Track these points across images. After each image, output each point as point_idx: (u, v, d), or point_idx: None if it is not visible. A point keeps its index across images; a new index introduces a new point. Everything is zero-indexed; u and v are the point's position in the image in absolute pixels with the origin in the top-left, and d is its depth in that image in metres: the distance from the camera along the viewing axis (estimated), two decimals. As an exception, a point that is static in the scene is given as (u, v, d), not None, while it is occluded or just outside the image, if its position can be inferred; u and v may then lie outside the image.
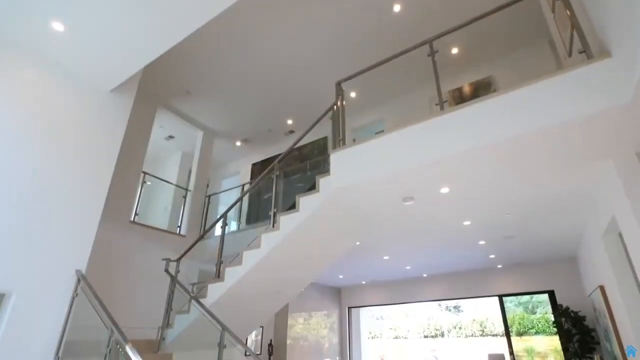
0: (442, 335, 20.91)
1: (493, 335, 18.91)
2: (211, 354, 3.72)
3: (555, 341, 7.64)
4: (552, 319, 7.64)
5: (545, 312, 16.23)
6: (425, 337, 21.08)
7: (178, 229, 6.40)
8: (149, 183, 7.25)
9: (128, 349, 2.68)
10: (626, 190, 2.98)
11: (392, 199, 3.77)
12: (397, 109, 6.23)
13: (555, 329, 7.41)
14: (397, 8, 4.72)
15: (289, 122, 6.74)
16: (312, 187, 3.92)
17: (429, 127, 3.10)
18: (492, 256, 7.24)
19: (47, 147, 3.40)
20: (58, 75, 3.58)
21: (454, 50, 5.30)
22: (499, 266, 8.40)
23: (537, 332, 16.85)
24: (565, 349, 7.03)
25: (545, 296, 8.09)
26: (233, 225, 6.99)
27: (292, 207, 4.00)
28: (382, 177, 3.27)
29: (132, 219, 5.62)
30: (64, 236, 3.41)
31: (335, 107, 4.04)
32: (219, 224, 7.16)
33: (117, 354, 2.91)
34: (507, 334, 8.43)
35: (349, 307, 10.96)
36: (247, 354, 4.15)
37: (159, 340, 4.32)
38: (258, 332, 8.15)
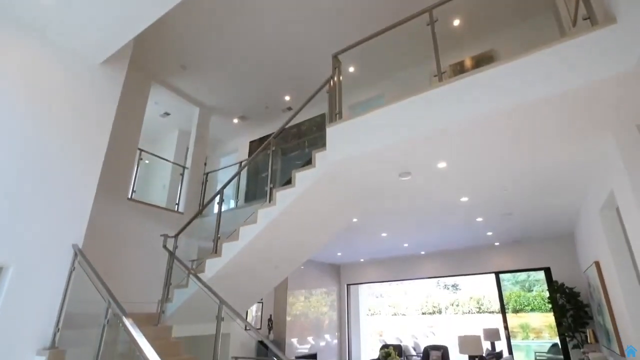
0: (440, 312, 21.39)
1: (490, 312, 19.34)
2: (210, 327, 3.79)
3: (550, 318, 7.79)
4: (548, 295, 7.75)
5: (541, 290, 16.52)
6: (423, 314, 21.58)
7: (176, 206, 6.41)
8: (147, 162, 7.23)
9: (125, 320, 2.71)
10: (625, 163, 2.94)
11: (389, 173, 3.74)
12: (397, 85, 6.10)
13: (550, 306, 7.53)
14: (397, -23, 4.54)
15: (287, 98, 6.63)
16: (308, 163, 3.89)
17: (427, 99, 3.04)
18: (490, 233, 7.27)
19: (39, 121, 3.35)
20: (45, 47, 3.48)
21: (456, 22, 5.15)
22: (497, 243, 8.46)
23: (532, 310, 17.20)
24: (559, 324, 7.16)
25: (542, 275, 8.18)
26: (232, 204, 7.00)
27: (289, 182, 3.98)
28: (378, 150, 3.23)
29: (129, 197, 5.61)
30: (60, 211, 3.40)
31: (331, 80, 3.95)
32: (217, 201, 7.23)
33: (117, 327, 2.95)
34: (503, 310, 8.58)
35: (347, 284, 11.13)
36: (247, 328, 4.23)
37: (158, 314, 4.40)
38: (258, 308, 8.31)
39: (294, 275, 9.15)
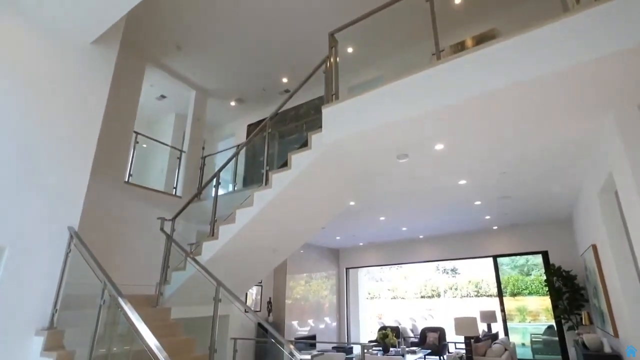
0: (439, 295, 21.66)
1: (488, 296, 19.57)
2: (208, 309, 3.82)
3: (546, 301, 7.87)
4: (545, 279, 7.81)
5: (539, 274, 16.68)
6: (422, 297, 21.86)
7: (174, 190, 6.40)
8: (144, 146, 7.18)
9: (121, 300, 2.72)
10: (625, 144, 2.89)
11: (386, 155, 3.69)
12: (397, 66, 5.99)
13: (547, 289, 7.60)
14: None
15: (284, 80, 6.52)
16: (305, 144, 3.84)
17: (424, 78, 2.97)
18: (488, 217, 7.28)
19: (30, 103, 3.29)
20: (33, 26, 3.38)
21: (457, 0, 5.01)
22: (495, 227, 8.48)
23: (530, 293, 17.42)
24: (555, 306, 7.24)
25: (540, 260, 8.23)
26: (230, 187, 6.99)
27: (286, 165, 3.94)
28: (374, 131, 3.18)
29: (126, 180, 5.60)
30: (54, 193, 3.38)
31: (328, 61, 3.87)
32: (214, 185, 7.21)
33: (116, 308, 2.96)
34: (500, 293, 8.66)
35: (347, 268, 11.23)
36: (246, 310, 4.27)
37: (157, 296, 4.43)
38: (258, 291, 8.40)
39: (293, 258, 9.22)
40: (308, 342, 8.47)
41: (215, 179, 4.71)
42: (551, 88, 2.59)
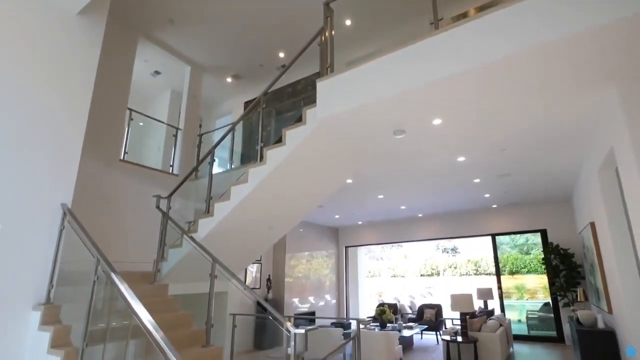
0: (438, 274, 21.96)
1: (487, 274, 19.82)
2: (206, 285, 3.84)
3: (544, 279, 7.93)
4: (543, 257, 7.85)
5: (538, 253, 16.82)
6: (422, 275, 22.18)
7: (171, 168, 6.35)
8: (141, 124, 7.09)
9: (113, 275, 2.72)
10: (627, 118, 2.80)
11: (383, 131, 3.61)
12: (397, 40, 5.79)
13: (545, 267, 7.64)
14: None
15: (281, 55, 6.35)
16: (300, 120, 3.76)
17: (421, 48, 2.86)
18: (487, 195, 7.23)
19: (17, 78, 3.20)
20: (18, -4, 3.25)
21: (459, -31, 4.79)
22: (494, 206, 8.46)
23: (528, 272, 17.61)
24: (551, 283, 7.30)
25: (540, 239, 8.25)
26: (228, 165, 6.93)
27: (280, 141, 3.87)
28: (370, 105, 3.09)
29: (122, 158, 5.55)
30: (45, 170, 3.34)
31: (323, 32, 3.72)
32: (213, 163, 7.14)
33: (112, 284, 2.97)
34: (497, 271, 8.73)
35: (346, 247, 11.32)
36: (244, 288, 4.29)
37: (154, 272, 4.46)
38: (258, 269, 8.49)
39: (292, 237, 9.27)
40: (307, 318, 8.63)
41: (210, 156, 4.65)
42: (552, 58, 2.48)
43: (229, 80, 7.16)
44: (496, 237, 8.87)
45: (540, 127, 3.81)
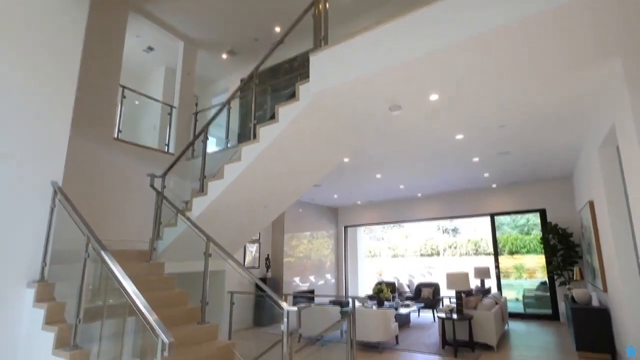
0: (438, 254, 22.15)
1: (486, 254, 19.95)
2: (202, 264, 3.85)
3: (543, 259, 7.96)
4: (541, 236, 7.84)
5: (538, 233, 16.90)
6: (422, 255, 22.38)
7: (166, 147, 6.28)
8: (137, 102, 6.97)
9: (103, 253, 2.70)
10: (631, 94, 2.70)
11: (378, 107, 3.51)
12: (396, 13, 5.59)
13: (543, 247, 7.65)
14: None
15: (277, 29, 6.14)
16: (294, 96, 3.66)
17: (418, 19, 2.72)
18: (487, 174, 7.16)
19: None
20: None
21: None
22: (494, 185, 8.39)
23: (528, 252, 17.72)
24: (548, 262, 7.32)
25: (539, 219, 8.23)
26: (224, 144, 6.85)
27: (274, 118, 3.78)
28: (364, 78, 2.98)
29: (116, 136, 5.47)
30: (34, 147, 3.28)
31: (317, 4, 3.57)
32: (209, 142, 7.05)
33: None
34: (495, 250, 8.76)
35: (345, 226, 11.35)
36: (238, 266, 4.29)
37: (150, 251, 4.47)
38: (257, 248, 8.54)
39: (291, 217, 9.29)
40: (306, 297, 8.74)
41: (203, 134, 4.57)
42: (555, 27, 2.36)
43: (224, 56, 6.98)
44: (496, 217, 8.85)
45: (542, 104, 3.70)
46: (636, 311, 3.79)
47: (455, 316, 5.35)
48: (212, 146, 7.05)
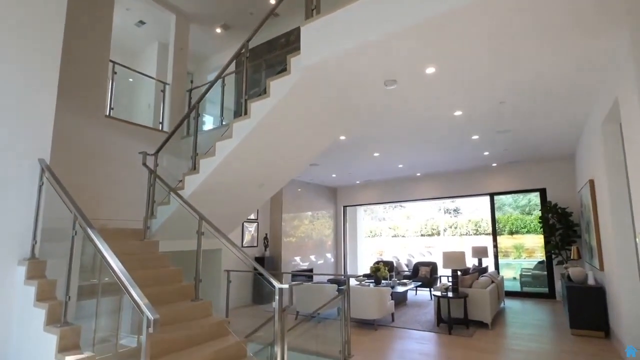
0: (438, 234, 22.27)
1: (486, 234, 20.03)
2: (195, 242, 3.83)
3: (542, 239, 7.94)
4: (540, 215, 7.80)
5: (538, 213, 16.90)
6: (422, 235, 22.51)
7: (160, 125, 6.17)
8: (130, 80, 6.81)
9: (89, 231, 2.67)
10: (636, 68, 2.56)
11: (373, 82, 3.38)
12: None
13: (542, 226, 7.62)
14: None
15: (272, 1, 5.91)
16: (285, 70, 3.52)
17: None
18: (486, 153, 7.04)
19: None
20: None
21: None
22: (494, 164, 8.28)
23: (528, 232, 17.76)
24: (547, 242, 7.30)
25: (539, 199, 8.16)
26: (219, 122, 6.74)
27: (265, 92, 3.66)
28: (357, 49, 2.84)
29: (107, 114, 5.36)
30: (18, 124, 3.20)
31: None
32: (207, 120, 6.92)
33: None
34: (494, 230, 8.74)
35: (344, 206, 11.34)
36: (231, 245, 4.27)
37: (144, 230, 4.44)
38: (255, 228, 8.55)
39: (289, 196, 9.25)
40: (304, 275, 8.81)
41: (195, 111, 4.46)
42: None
43: (218, 31, 6.76)
44: (497, 197, 8.79)
45: (543, 78, 3.55)
46: (631, 289, 3.77)
47: (450, 294, 5.37)
48: (209, 125, 6.94)
